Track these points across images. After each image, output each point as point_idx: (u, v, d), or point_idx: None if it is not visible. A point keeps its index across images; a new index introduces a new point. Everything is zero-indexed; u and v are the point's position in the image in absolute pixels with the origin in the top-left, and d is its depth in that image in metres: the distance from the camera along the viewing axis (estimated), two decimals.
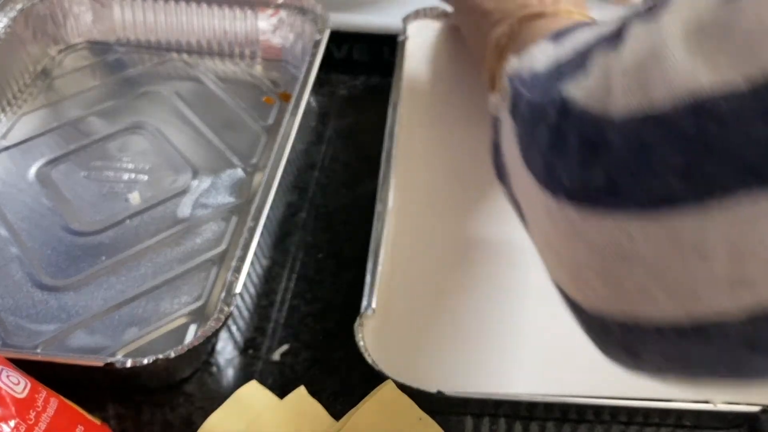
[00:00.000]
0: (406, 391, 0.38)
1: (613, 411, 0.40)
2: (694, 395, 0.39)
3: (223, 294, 0.42)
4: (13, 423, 0.33)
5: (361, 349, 0.40)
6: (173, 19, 0.64)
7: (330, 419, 0.39)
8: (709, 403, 0.39)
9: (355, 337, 0.41)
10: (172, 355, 0.39)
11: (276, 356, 0.45)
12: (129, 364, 0.39)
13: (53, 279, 0.47)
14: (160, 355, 0.39)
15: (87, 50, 0.64)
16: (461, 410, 0.41)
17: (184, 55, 0.64)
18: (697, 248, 0.22)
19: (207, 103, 0.60)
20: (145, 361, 0.39)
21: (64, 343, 0.44)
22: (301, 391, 0.40)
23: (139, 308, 0.46)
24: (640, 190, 0.23)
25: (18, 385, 0.35)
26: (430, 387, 0.39)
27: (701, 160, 0.21)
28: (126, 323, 0.45)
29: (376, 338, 0.41)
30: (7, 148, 0.55)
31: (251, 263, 0.44)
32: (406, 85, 0.57)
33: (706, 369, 0.25)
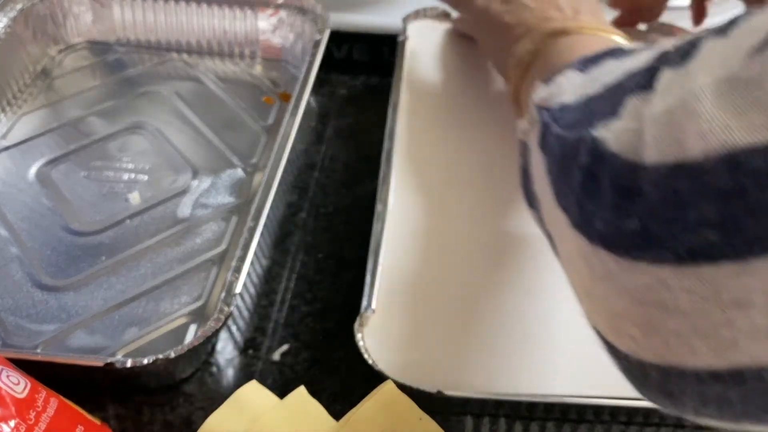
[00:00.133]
0: (406, 391, 0.38)
1: (613, 411, 0.40)
2: None
3: (223, 294, 0.42)
4: (13, 423, 0.33)
5: (361, 349, 0.40)
6: (173, 19, 0.64)
7: (330, 419, 0.39)
8: None
9: (355, 337, 0.41)
10: (172, 355, 0.39)
11: (276, 356, 0.45)
12: (129, 364, 0.39)
13: (53, 279, 0.47)
14: (160, 355, 0.39)
15: (87, 50, 0.64)
16: (461, 410, 0.41)
17: (184, 55, 0.64)
18: (737, 301, 0.22)
19: (207, 103, 0.60)
20: (145, 361, 0.39)
21: (64, 343, 0.44)
22: (301, 391, 0.40)
23: (139, 308, 0.46)
24: (677, 242, 0.23)
25: (18, 385, 0.35)
26: (430, 387, 0.39)
27: (738, 216, 0.21)
28: (126, 323, 0.45)
29: (376, 338, 0.41)
30: (7, 148, 0.55)
31: (251, 263, 0.44)
32: (406, 85, 0.57)
33: (742, 411, 0.25)
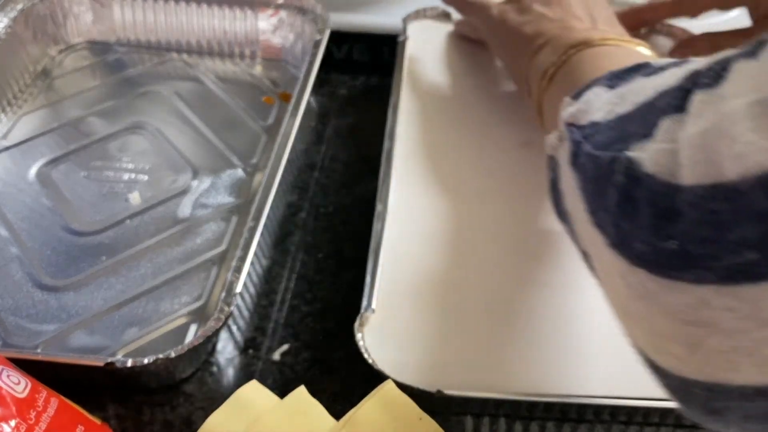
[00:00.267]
0: (406, 391, 0.38)
1: (613, 411, 0.40)
2: None
3: (224, 294, 0.42)
4: (13, 423, 0.33)
5: (361, 349, 0.40)
6: (173, 19, 0.64)
7: (330, 419, 0.39)
8: None
9: (355, 337, 0.41)
10: (173, 354, 0.39)
11: (276, 356, 0.45)
12: (129, 364, 0.39)
13: (53, 279, 0.47)
14: (161, 355, 0.39)
15: (87, 50, 0.64)
16: (461, 410, 0.41)
17: (184, 55, 0.64)
18: None
19: (207, 103, 0.60)
20: (146, 361, 0.39)
21: (64, 343, 0.44)
22: (301, 391, 0.40)
23: (139, 308, 0.46)
24: (717, 263, 0.23)
25: (18, 384, 0.35)
26: (430, 387, 0.39)
27: None
28: (126, 323, 0.45)
29: (376, 338, 0.41)
30: (7, 148, 0.55)
31: (251, 263, 0.44)
32: (406, 86, 0.57)
33: None
